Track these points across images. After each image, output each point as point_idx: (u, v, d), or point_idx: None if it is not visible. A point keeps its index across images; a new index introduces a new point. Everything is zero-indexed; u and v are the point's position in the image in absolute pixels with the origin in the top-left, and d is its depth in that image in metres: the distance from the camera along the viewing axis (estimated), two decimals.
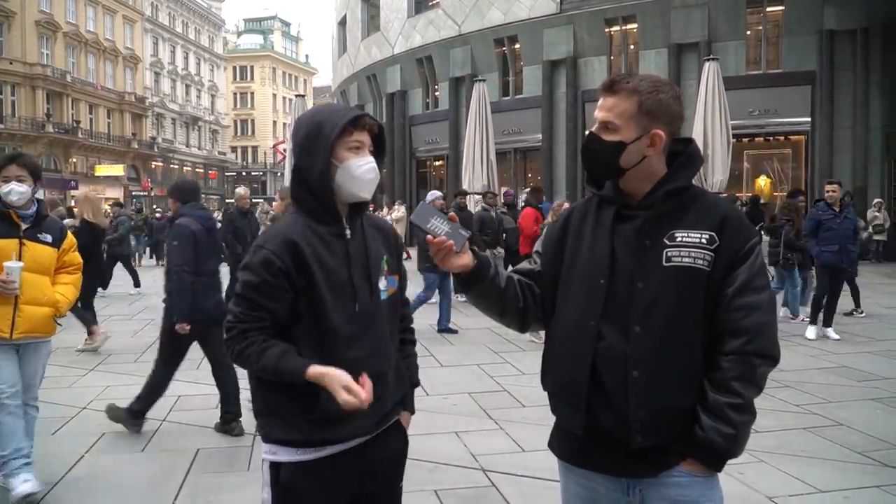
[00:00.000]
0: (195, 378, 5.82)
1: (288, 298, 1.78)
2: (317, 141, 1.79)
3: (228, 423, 4.79)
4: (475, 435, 4.75)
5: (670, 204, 1.67)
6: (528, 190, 13.51)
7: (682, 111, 1.73)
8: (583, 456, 1.75)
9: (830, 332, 7.93)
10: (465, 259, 1.69)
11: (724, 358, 1.61)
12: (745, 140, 19.42)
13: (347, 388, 1.68)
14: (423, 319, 9.36)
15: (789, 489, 3.80)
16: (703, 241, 1.62)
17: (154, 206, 34.88)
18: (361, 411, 1.72)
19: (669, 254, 1.62)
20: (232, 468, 4.21)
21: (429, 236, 1.67)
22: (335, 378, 1.69)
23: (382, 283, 1.91)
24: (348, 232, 1.87)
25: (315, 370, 1.72)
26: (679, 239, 1.63)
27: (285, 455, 1.81)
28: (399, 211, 17.84)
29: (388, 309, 1.94)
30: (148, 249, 20.95)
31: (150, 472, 4.15)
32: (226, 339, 1.83)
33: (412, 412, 2.05)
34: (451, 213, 1.71)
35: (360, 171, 1.83)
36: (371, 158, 1.86)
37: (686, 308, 1.61)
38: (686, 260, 1.61)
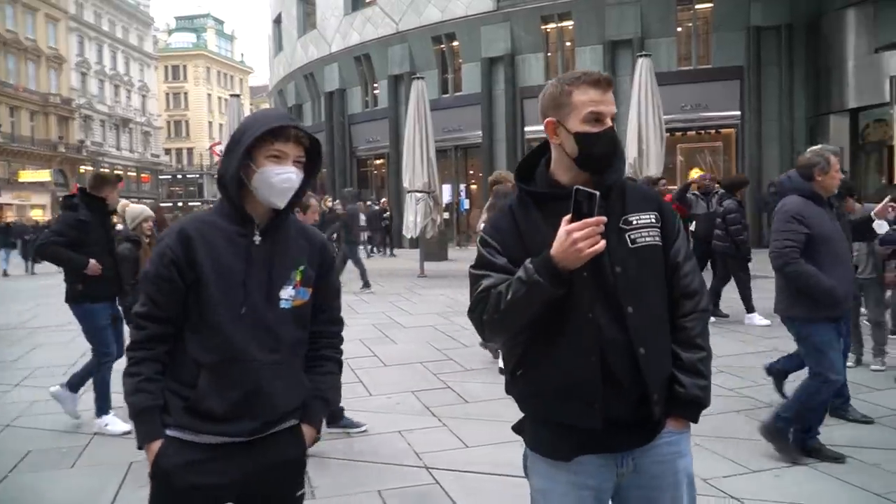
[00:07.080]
0: None
1: (179, 291, 1.82)
2: (237, 144, 1.84)
3: None
4: (419, 433, 4.73)
5: (614, 193, 1.78)
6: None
7: None
8: (581, 447, 1.73)
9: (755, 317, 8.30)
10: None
11: (684, 319, 1.79)
12: (678, 134, 19.96)
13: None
14: (368, 319, 9.30)
15: (721, 470, 3.90)
16: (653, 220, 1.77)
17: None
18: (235, 416, 1.81)
19: (632, 236, 1.74)
20: None
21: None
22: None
23: (287, 293, 1.88)
24: (258, 237, 1.87)
25: (150, 450, 1.87)
26: (634, 222, 1.75)
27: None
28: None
29: (293, 320, 1.90)
30: None
31: (81, 488, 3.98)
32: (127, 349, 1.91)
33: (316, 428, 2.00)
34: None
35: (275, 179, 1.84)
36: (291, 169, 1.85)
37: (658, 281, 1.78)
38: (648, 239, 1.75)
